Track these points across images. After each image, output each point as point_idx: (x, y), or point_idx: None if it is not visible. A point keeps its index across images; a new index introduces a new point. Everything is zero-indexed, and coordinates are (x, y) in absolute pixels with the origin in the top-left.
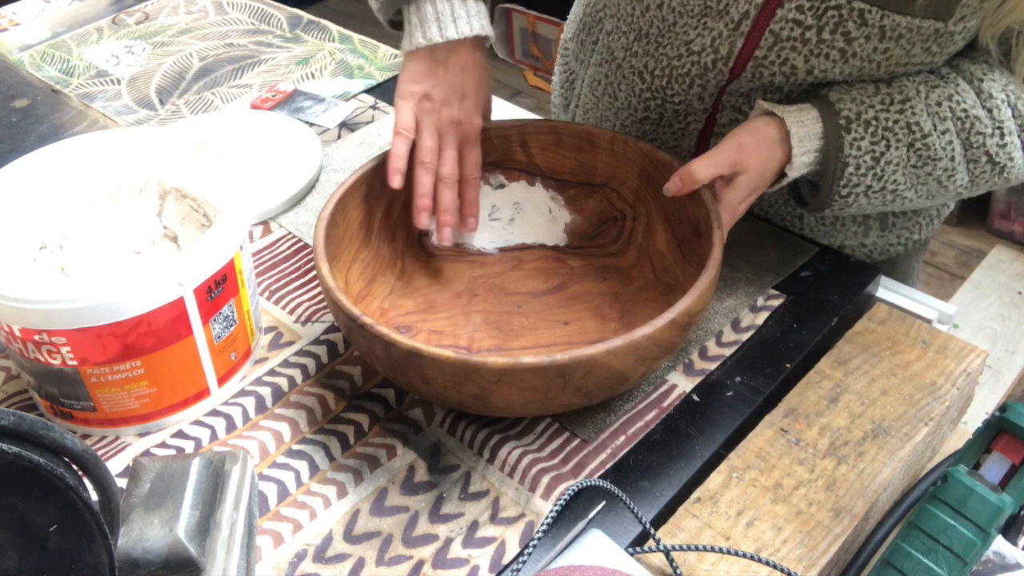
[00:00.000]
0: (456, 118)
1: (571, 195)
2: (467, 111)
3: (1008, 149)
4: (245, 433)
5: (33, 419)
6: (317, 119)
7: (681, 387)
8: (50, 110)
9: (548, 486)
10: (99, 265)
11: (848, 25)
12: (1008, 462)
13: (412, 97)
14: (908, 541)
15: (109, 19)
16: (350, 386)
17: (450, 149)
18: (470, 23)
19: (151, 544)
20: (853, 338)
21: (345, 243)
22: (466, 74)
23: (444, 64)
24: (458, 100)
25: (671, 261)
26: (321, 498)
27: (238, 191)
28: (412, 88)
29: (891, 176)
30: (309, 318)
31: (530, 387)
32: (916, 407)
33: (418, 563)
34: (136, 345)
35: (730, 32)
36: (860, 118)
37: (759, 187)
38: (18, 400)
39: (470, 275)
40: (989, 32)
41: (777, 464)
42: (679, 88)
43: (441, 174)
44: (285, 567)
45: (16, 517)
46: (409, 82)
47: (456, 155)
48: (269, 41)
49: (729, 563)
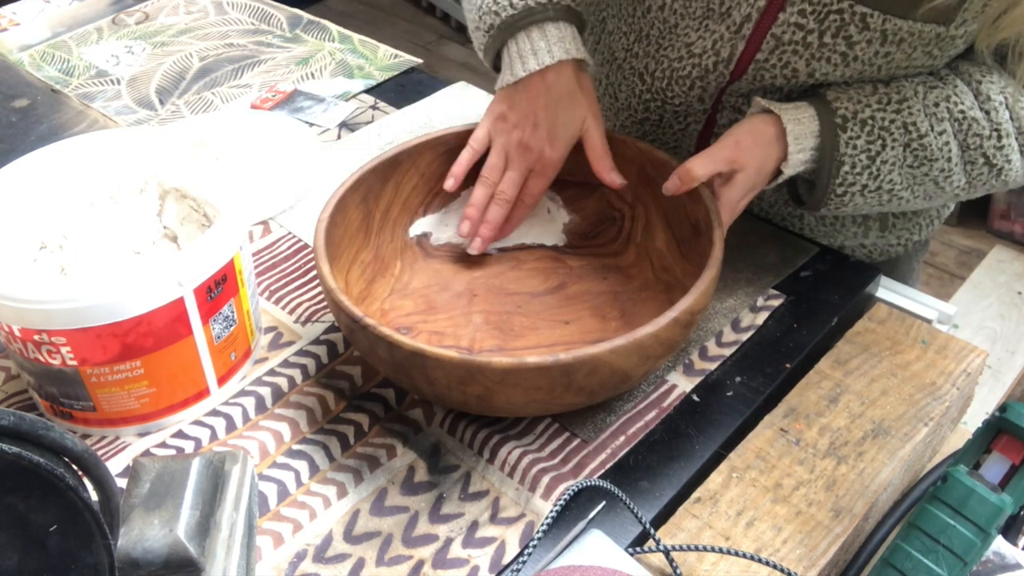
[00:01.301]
0: (525, 143)
1: (570, 195)
2: (538, 139)
3: (1005, 151)
4: (245, 433)
5: (33, 419)
6: (317, 119)
7: (681, 387)
8: (50, 110)
9: (548, 486)
10: (99, 265)
11: (850, 29)
12: (1008, 462)
13: (491, 116)
14: (908, 541)
15: (109, 19)
16: (350, 386)
17: (514, 171)
18: (551, 52)
19: (151, 544)
20: (853, 338)
21: (345, 244)
22: (542, 102)
23: (522, 91)
24: (530, 127)
25: (670, 260)
26: (321, 498)
27: (238, 191)
28: (493, 108)
29: (887, 176)
30: (309, 318)
31: (534, 387)
32: (916, 407)
33: (418, 563)
34: (136, 345)
35: (731, 35)
36: (856, 117)
37: (757, 185)
38: (18, 400)
39: (470, 276)
40: (984, 43)
41: (777, 464)
42: (679, 90)
43: (497, 189)
44: (285, 567)
45: (16, 517)
46: (494, 104)
47: (518, 178)
48: (269, 41)
49: (729, 563)
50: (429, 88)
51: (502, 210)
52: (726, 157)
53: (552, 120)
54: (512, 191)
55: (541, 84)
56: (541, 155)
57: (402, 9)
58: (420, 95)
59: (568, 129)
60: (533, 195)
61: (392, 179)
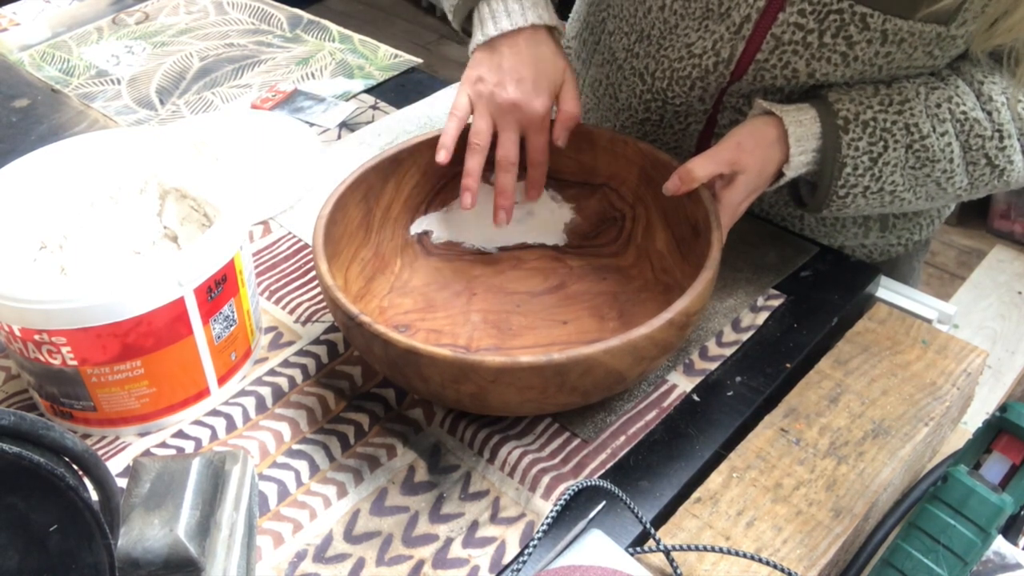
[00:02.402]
0: (512, 99)
1: (571, 195)
2: (525, 92)
3: (1007, 152)
4: (245, 433)
5: (33, 419)
6: (317, 119)
7: (681, 387)
8: (50, 110)
9: (548, 486)
10: (99, 265)
11: (850, 29)
12: (1008, 462)
13: (468, 81)
14: (908, 541)
15: (109, 19)
16: (350, 386)
17: (509, 132)
18: (524, 15)
19: (151, 544)
20: (853, 338)
21: (344, 242)
22: (521, 58)
23: (499, 51)
24: (513, 82)
25: (670, 261)
26: (321, 498)
27: (238, 191)
28: (469, 74)
29: (889, 177)
30: (309, 318)
31: (527, 386)
32: (916, 407)
33: (418, 563)
34: (136, 345)
35: (731, 35)
36: (858, 119)
37: (758, 187)
38: (18, 400)
39: (469, 274)
40: (980, 47)
41: (777, 464)
42: (680, 90)
43: (497, 156)
44: (285, 567)
45: (16, 517)
46: (468, 70)
47: (515, 138)
48: (269, 41)
49: (729, 563)
50: (429, 88)
51: (511, 175)
52: (727, 159)
53: (535, 73)
54: (513, 153)
55: (523, 43)
56: (530, 109)
57: (402, 9)
58: (420, 95)
59: (551, 79)
60: (541, 151)
61: (393, 177)
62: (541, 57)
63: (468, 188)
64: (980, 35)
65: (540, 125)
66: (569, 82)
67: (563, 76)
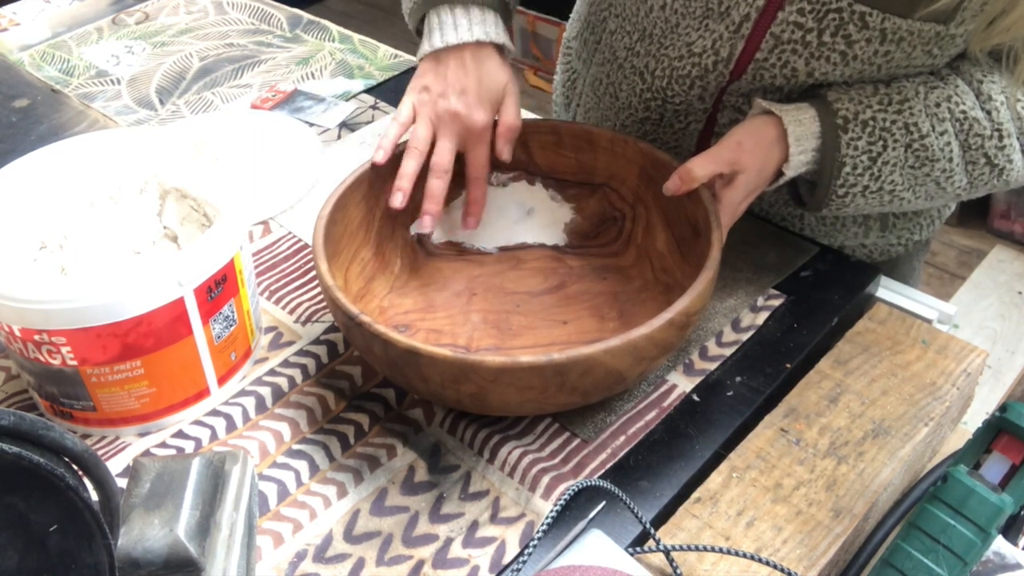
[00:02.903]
0: (453, 110)
1: (571, 195)
2: (466, 104)
3: (1007, 152)
4: (245, 433)
5: (33, 419)
6: (317, 119)
7: (681, 387)
8: (50, 110)
9: (548, 486)
10: (99, 265)
11: (849, 28)
12: (1008, 462)
13: (413, 90)
14: (908, 541)
15: (109, 19)
16: (350, 386)
17: (445, 140)
18: (471, 31)
19: (151, 544)
20: (853, 338)
21: (344, 242)
22: (465, 71)
23: (444, 63)
24: (456, 94)
25: (670, 261)
26: (321, 498)
27: (238, 191)
28: (414, 83)
29: (888, 176)
30: (309, 318)
31: (527, 386)
32: (916, 407)
33: (418, 563)
34: (136, 345)
35: (731, 34)
36: (858, 118)
37: (758, 186)
38: (18, 400)
39: (469, 274)
40: (978, 46)
41: (777, 464)
42: (679, 89)
43: (431, 162)
44: (285, 567)
45: (16, 517)
46: (414, 80)
47: (451, 147)
48: (269, 41)
49: (729, 563)
50: None
51: (441, 182)
52: (727, 158)
53: (477, 86)
54: (446, 160)
55: (462, 57)
56: (470, 121)
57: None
58: None
59: (492, 93)
60: (481, 166)
61: (393, 177)
62: (485, 71)
63: (400, 189)
64: (978, 34)
65: (479, 137)
66: (510, 95)
67: (504, 90)
